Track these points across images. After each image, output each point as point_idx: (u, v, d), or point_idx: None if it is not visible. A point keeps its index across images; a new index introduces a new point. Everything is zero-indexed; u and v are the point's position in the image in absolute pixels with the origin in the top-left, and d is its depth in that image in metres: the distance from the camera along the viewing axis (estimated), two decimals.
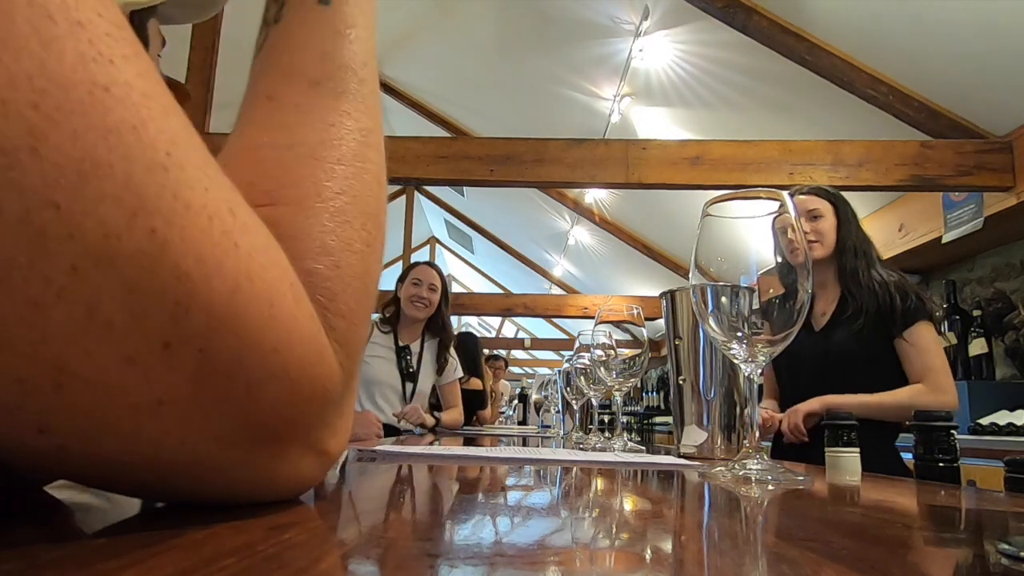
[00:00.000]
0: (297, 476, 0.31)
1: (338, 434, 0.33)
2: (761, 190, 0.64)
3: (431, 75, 5.47)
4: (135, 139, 0.21)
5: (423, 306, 2.69)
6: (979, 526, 0.45)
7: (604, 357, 1.21)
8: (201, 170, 0.24)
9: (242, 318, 0.24)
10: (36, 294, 0.20)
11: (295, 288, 0.28)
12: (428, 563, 0.22)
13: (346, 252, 0.32)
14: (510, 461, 0.80)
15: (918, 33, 2.57)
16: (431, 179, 3.25)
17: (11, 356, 0.20)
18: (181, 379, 0.23)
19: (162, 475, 0.26)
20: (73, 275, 0.20)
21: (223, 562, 0.20)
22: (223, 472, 0.28)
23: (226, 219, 0.24)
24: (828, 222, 1.77)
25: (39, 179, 0.19)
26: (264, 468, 0.29)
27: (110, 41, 0.21)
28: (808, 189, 1.84)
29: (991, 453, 2.29)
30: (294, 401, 0.28)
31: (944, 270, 3.47)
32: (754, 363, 0.63)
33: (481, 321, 12.93)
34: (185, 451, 0.25)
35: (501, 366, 6.35)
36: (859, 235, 1.77)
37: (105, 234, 0.20)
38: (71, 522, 0.30)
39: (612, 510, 0.44)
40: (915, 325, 1.64)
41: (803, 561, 0.25)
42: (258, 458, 0.28)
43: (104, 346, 0.21)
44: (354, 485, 0.54)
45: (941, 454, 0.93)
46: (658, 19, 3.38)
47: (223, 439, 0.26)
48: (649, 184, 3.05)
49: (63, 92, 0.19)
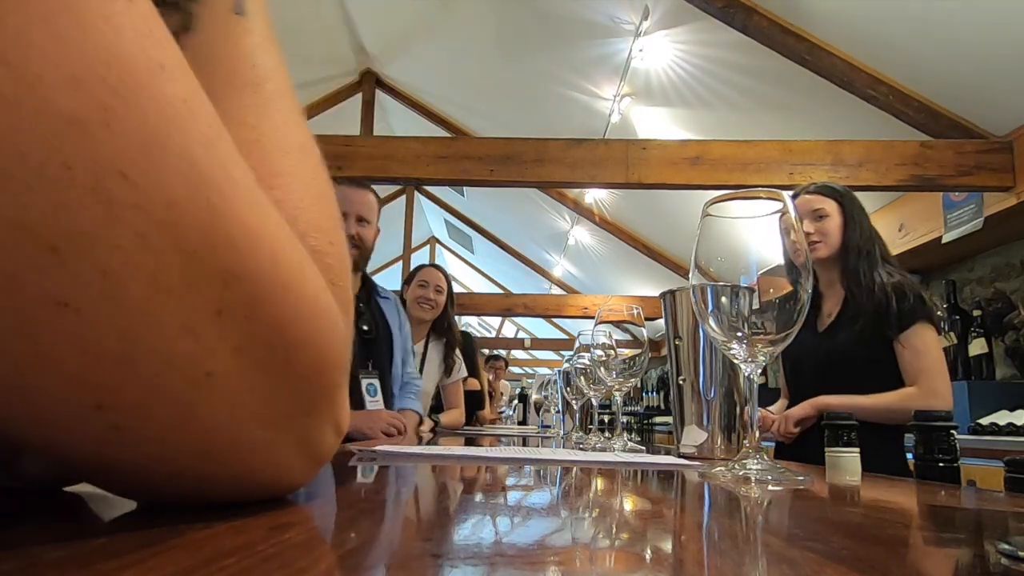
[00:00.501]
0: (320, 454, 0.32)
1: (346, 408, 0.34)
2: (761, 190, 0.64)
3: (431, 75, 5.47)
4: (188, 114, 0.22)
5: (429, 307, 2.73)
6: (979, 526, 0.45)
7: (604, 357, 1.21)
8: (233, 146, 0.25)
9: (280, 286, 0.25)
10: (106, 263, 0.20)
11: (311, 259, 0.29)
12: (428, 563, 0.22)
13: (335, 229, 0.34)
14: (510, 461, 0.80)
15: (918, 33, 2.57)
16: (431, 179, 3.25)
17: (80, 325, 0.20)
18: (228, 349, 0.24)
19: (205, 458, 0.26)
20: (140, 243, 0.20)
21: (223, 562, 0.20)
22: (259, 453, 0.28)
23: (260, 193, 0.25)
24: (834, 222, 1.75)
25: (110, 150, 0.20)
26: (295, 446, 0.30)
27: (155, 19, 0.22)
28: (815, 188, 1.83)
29: (991, 453, 2.29)
30: (324, 368, 0.29)
31: (944, 270, 3.47)
32: (754, 363, 0.63)
33: (481, 321, 12.93)
34: (231, 429, 0.26)
35: (501, 366, 6.35)
36: (866, 235, 1.74)
37: (168, 203, 0.21)
38: (71, 522, 0.30)
39: (612, 510, 0.44)
40: (912, 327, 1.62)
41: (803, 561, 0.25)
42: (292, 434, 0.29)
43: (165, 315, 0.22)
44: (354, 485, 0.54)
45: (941, 454, 0.93)
46: (658, 19, 3.38)
47: (263, 415, 0.27)
48: (649, 184, 3.05)
49: (126, 68, 0.20)
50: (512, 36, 4.27)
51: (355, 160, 3.17)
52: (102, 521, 0.31)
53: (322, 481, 0.55)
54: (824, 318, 1.80)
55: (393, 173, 3.21)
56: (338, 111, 5.60)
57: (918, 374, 1.61)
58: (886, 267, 1.72)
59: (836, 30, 2.79)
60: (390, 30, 5.07)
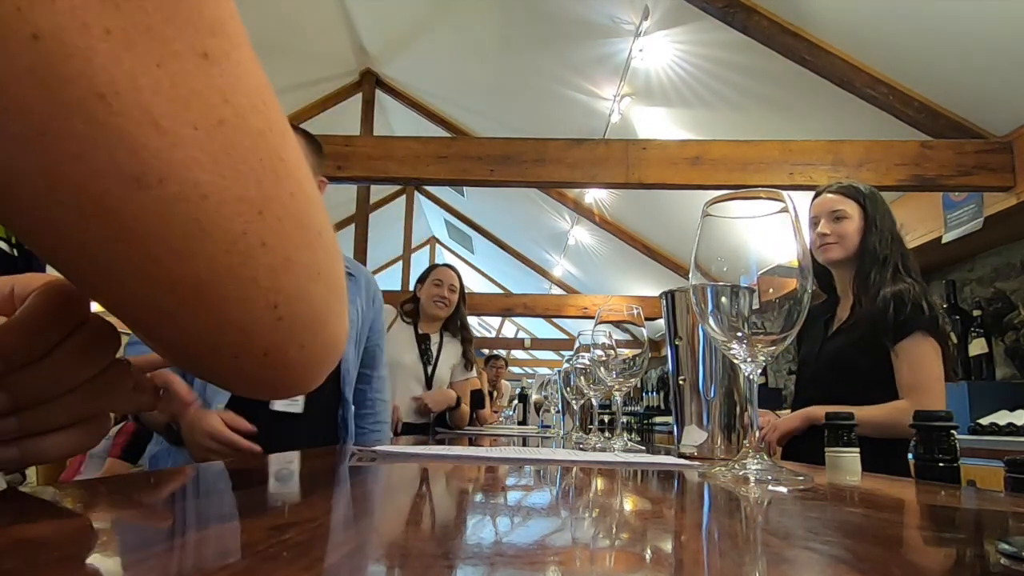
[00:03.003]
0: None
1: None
2: (761, 190, 0.64)
3: (431, 75, 5.47)
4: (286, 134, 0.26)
5: (444, 305, 2.82)
6: (979, 526, 0.45)
7: (604, 357, 1.21)
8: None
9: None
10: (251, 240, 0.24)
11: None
12: (428, 563, 0.22)
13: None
14: (510, 461, 0.80)
15: (918, 33, 2.57)
16: (431, 179, 3.25)
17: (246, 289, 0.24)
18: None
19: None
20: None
21: (223, 562, 0.20)
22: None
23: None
24: (852, 224, 1.68)
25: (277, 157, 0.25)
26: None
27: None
28: (839, 187, 1.74)
29: (991, 453, 2.29)
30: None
31: (944, 270, 3.47)
32: (754, 363, 0.63)
33: (481, 321, 12.93)
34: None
35: (502, 365, 6.36)
36: (885, 242, 1.65)
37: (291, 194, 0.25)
38: (71, 522, 0.30)
39: (612, 510, 0.44)
40: (907, 338, 1.56)
41: (803, 561, 0.25)
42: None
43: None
44: (354, 485, 0.54)
45: (941, 454, 0.93)
46: (658, 19, 3.38)
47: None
48: (649, 184, 3.05)
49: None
50: (512, 36, 4.27)
51: (355, 160, 3.17)
52: (102, 521, 0.31)
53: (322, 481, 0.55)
54: (836, 323, 1.76)
55: (393, 173, 3.21)
56: (338, 111, 5.61)
57: (910, 389, 1.56)
58: (902, 277, 1.63)
59: (836, 30, 2.79)
60: (390, 30, 5.07)
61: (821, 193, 1.77)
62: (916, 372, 1.56)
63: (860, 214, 1.70)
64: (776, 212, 0.62)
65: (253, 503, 0.31)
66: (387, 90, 5.78)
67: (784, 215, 0.61)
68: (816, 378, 1.73)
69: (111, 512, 0.31)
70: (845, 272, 1.73)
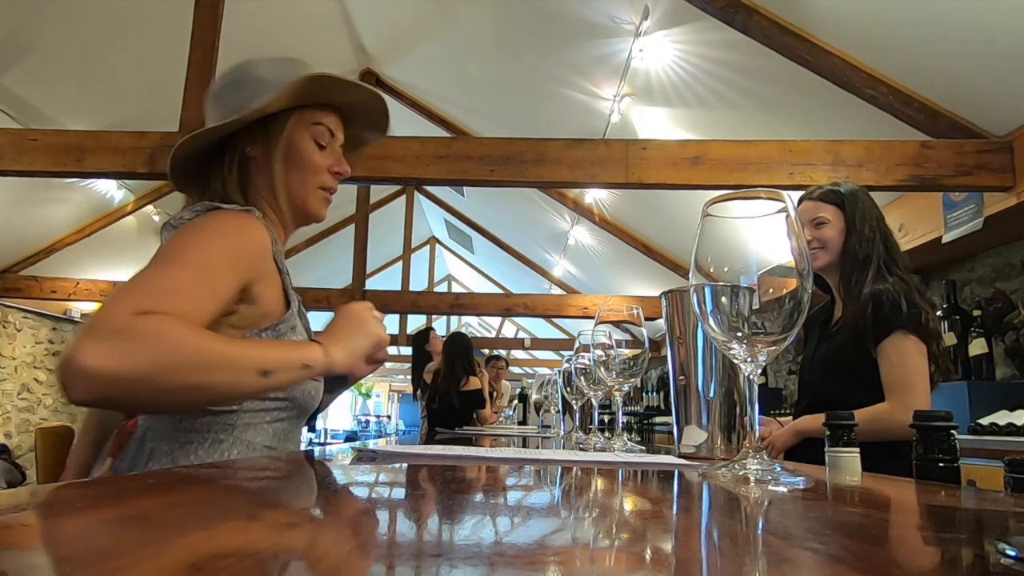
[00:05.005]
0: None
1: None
2: (761, 190, 0.64)
3: (431, 75, 5.47)
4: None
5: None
6: (979, 526, 0.45)
7: (604, 357, 1.21)
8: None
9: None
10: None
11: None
12: (428, 563, 0.22)
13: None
14: (510, 461, 0.80)
15: (918, 33, 2.57)
16: (431, 179, 3.25)
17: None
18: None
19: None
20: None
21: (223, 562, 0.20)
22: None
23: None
24: (833, 228, 1.68)
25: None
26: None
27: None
28: (819, 193, 1.74)
29: (991, 453, 2.28)
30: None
31: (944, 270, 3.47)
32: (754, 363, 0.63)
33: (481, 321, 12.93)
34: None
35: (502, 365, 6.35)
36: (865, 241, 1.65)
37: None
38: (71, 522, 0.30)
39: (612, 510, 0.44)
40: (888, 338, 1.55)
41: (803, 561, 0.25)
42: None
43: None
44: (354, 485, 0.54)
45: (941, 454, 0.93)
46: (658, 19, 3.37)
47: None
48: (649, 184, 3.05)
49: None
50: (512, 36, 4.27)
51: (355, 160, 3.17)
52: (103, 521, 0.31)
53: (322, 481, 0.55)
54: (830, 325, 1.76)
55: (393, 173, 3.21)
56: None
57: (892, 389, 1.54)
58: (884, 276, 1.61)
59: (836, 30, 2.79)
60: (390, 30, 5.07)
61: (802, 200, 1.76)
62: (897, 371, 1.55)
63: (840, 217, 1.70)
64: (776, 212, 0.62)
65: (253, 503, 0.31)
66: (387, 90, 5.77)
67: (784, 215, 0.61)
68: (811, 381, 1.74)
69: (111, 512, 0.31)
70: (834, 275, 1.73)
